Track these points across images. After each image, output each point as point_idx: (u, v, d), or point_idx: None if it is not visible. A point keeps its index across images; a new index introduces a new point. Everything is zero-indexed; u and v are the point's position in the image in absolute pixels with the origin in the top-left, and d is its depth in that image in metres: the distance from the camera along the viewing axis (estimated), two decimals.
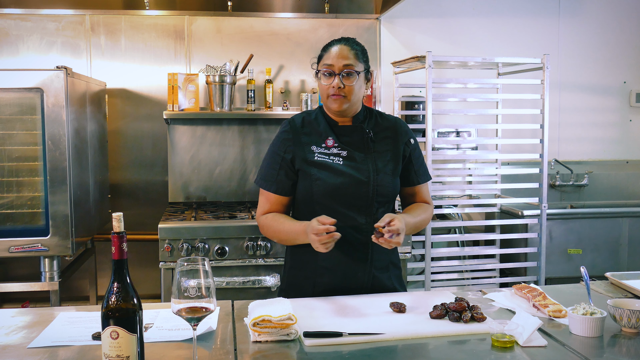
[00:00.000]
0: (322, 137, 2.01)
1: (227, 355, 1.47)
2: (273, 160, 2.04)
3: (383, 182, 1.99)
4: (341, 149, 1.99)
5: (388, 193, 2.02)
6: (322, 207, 1.96)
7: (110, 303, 1.25)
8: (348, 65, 1.94)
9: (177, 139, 3.84)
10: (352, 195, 1.96)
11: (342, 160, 1.98)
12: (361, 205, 1.98)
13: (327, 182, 1.95)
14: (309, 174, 1.97)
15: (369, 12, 3.97)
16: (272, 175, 2.03)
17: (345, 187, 1.95)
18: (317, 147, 2.00)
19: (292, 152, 2.00)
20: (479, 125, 3.76)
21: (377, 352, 1.51)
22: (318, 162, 1.97)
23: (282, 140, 2.03)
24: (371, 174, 1.98)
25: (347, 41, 2.00)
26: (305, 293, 1.98)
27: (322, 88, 2.00)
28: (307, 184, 1.98)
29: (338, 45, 1.98)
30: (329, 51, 1.99)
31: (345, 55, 1.95)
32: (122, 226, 1.27)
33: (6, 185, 3.01)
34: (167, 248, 3.08)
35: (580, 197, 4.33)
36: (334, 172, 1.96)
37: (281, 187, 2.02)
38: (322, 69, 1.98)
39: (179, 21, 3.86)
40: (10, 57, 3.72)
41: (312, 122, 2.04)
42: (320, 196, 1.96)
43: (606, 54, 4.35)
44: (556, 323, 1.68)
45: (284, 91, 3.95)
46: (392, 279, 2.06)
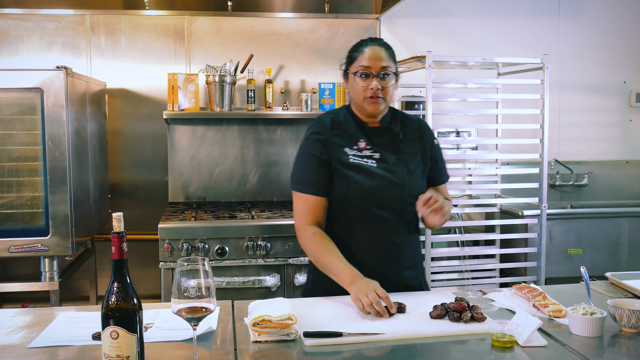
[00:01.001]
0: (353, 139, 1.99)
1: (227, 355, 1.47)
2: (309, 161, 1.99)
3: (415, 184, 2.00)
4: (373, 151, 1.99)
5: (418, 194, 1.99)
6: (357, 209, 1.97)
7: (110, 303, 1.25)
8: (385, 67, 1.93)
9: (177, 139, 3.84)
10: (386, 198, 1.97)
11: (376, 162, 1.97)
12: (394, 206, 1.98)
13: (364, 184, 1.95)
14: (345, 176, 1.96)
15: (369, 12, 3.97)
16: (309, 177, 1.98)
17: (380, 189, 1.96)
18: (350, 149, 1.98)
19: (328, 152, 1.97)
20: (479, 125, 3.76)
21: (377, 352, 1.51)
22: (354, 165, 1.96)
23: (315, 141, 1.99)
24: (405, 176, 1.98)
25: (380, 42, 1.98)
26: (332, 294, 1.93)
27: (358, 90, 1.96)
28: (343, 186, 1.96)
29: (372, 46, 1.95)
30: (363, 52, 1.96)
31: (381, 57, 1.93)
32: (122, 226, 1.27)
33: (6, 185, 3.01)
34: (167, 248, 3.08)
35: (580, 197, 4.32)
36: (369, 174, 1.96)
37: (321, 188, 1.98)
38: (359, 71, 1.94)
39: (179, 21, 3.86)
40: (10, 57, 3.72)
41: (341, 123, 2.02)
42: (356, 199, 1.96)
43: (606, 54, 4.35)
44: (556, 323, 1.68)
45: (284, 91, 3.95)
46: (420, 279, 2.08)
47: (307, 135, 2.03)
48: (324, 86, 3.75)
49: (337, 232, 2.00)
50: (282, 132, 3.95)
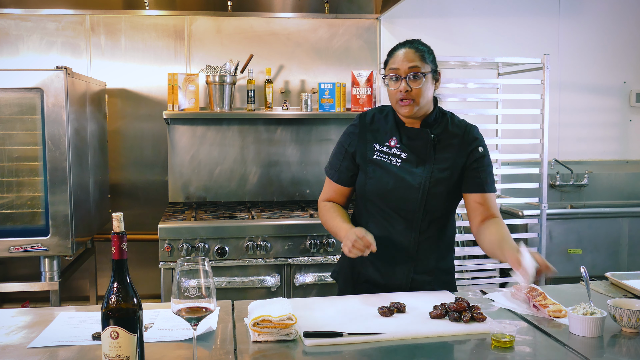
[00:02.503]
0: (387, 136, 2.02)
1: (227, 355, 1.47)
2: (339, 151, 2.10)
3: (435, 190, 1.96)
4: (402, 150, 1.99)
5: (438, 204, 1.98)
6: (372, 204, 2.02)
7: (110, 303, 1.25)
8: (414, 68, 1.92)
9: (177, 139, 3.84)
10: (401, 199, 1.97)
11: (400, 162, 1.98)
12: (409, 210, 1.97)
13: (380, 182, 1.98)
14: (365, 170, 2.02)
15: (369, 12, 3.97)
16: (336, 165, 2.10)
17: (395, 189, 1.97)
18: (380, 146, 2.02)
19: (355, 146, 2.04)
20: (479, 125, 3.74)
21: (377, 352, 1.51)
22: (375, 161, 2.00)
23: (348, 133, 2.09)
24: (424, 180, 1.96)
25: (412, 43, 1.98)
26: (349, 280, 2.12)
27: (390, 93, 1.99)
28: (362, 180, 2.03)
29: (403, 48, 1.97)
30: (394, 55, 1.99)
31: (410, 58, 1.94)
32: (122, 226, 1.27)
33: (6, 185, 3.01)
34: (167, 248, 3.08)
35: (580, 197, 4.32)
36: (387, 172, 1.98)
37: (342, 177, 2.09)
38: (389, 74, 1.97)
39: (179, 21, 3.86)
40: (10, 57, 3.72)
41: (381, 119, 2.06)
42: (372, 194, 2.00)
43: (606, 54, 4.35)
44: (556, 323, 1.68)
45: (284, 91, 3.95)
46: (434, 284, 2.04)
47: (347, 126, 2.13)
48: (324, 86, 3.75)
49: (359, 221, 2.09)
50: (282, 132, 3.95)
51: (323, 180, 2.19)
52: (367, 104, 3.75)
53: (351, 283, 2.11)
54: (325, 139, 3.98)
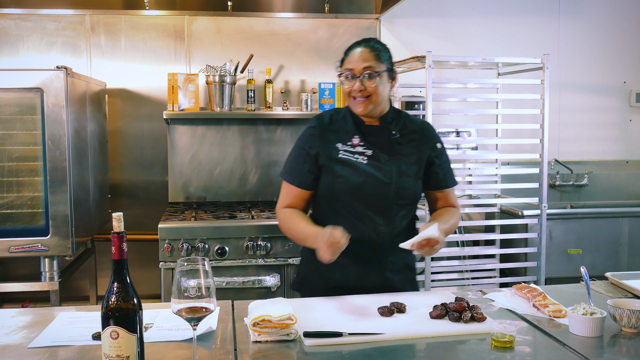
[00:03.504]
0: (348, 135, 2.01)
1: (227, 355, 1.47)
2: (298, 154, 2.05)
3: (405, 185, 1.99)
4: (366, 148, 1.99)
5: (409, 196, 2.02)
6: (343, 204, 1.98)
7: (110, 303, 1.25)
8: (368, 67, 1.93)
9: (177, 139, 3.84)
10: (372, 196, 1.97)
11: (367, 159, 1.98)
12: (381, 206, 1.98)
13: (349, 180, 1.96)
14: (331, 170, 1.98)
15: (369, 12, 3.97)
16: (295, 169, 2.05)
17: (366, 186, 1.96)
18: (343, 145, 2.00)
19: (317, 147, 2.01)
20: (479, 125, 3.75)
21: (377, 352, 1.51)
22: (342, 160, 1.98)
23: (308, 135, 2.05)
24: (394, 175, 1.98)
25: (367, 42, 1.99)
26: (317, 288, 2.01)
27: (345, 92, 2.00)
28: (330, 180, 1.99)
29: (358, 47, 1.97)
30: (350, 54, 1.99)
31: (365, 58, 1.94)
32: (122, 226, 1.27)
33: (6, 185, 3.01)
34: (167, 248, 3.08)
35: (580, 197, 4.32)
36: (356, 170, 1.97)
37: (304, 181, 2.03)
38: (344, 72, 1.98)
39: (179, 21, 3.86)
40: (10, 57, 3.72)
41: (340, 120, 2.05)
42: (342, 194, 1.97)
43: (606, 54, 4.35)
44: (556, 323, 1.68)
45: (284, 91, 3.95)
46: (405, 282, 2.07)
47: (304, 130, 2.09)
48: (324, 86, 3.75)
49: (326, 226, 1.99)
50: (282, 132, 3.95)
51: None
52: None
53: (320, 291, 1.99)
54: None
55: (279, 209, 2.07)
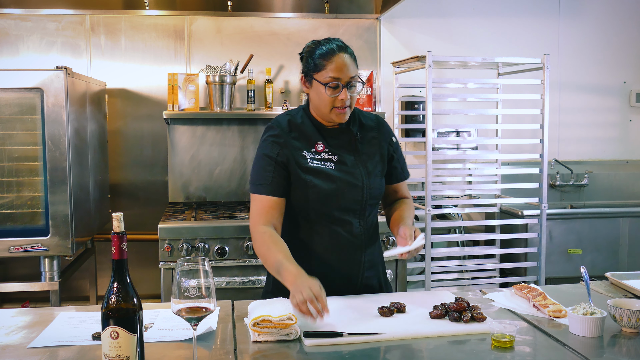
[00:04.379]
0: (311, 142, 1.96)
1: (227, 355, 1.47)
2: (265, 162, 1.94)
3: (374, 185, 1.99)
4: (331, 153, 1.96)
5: (378, 195, 2.03)
6: (317, 212, 1.94)
7: (110, 303, 1.25)
8: (354, 77, 1.90)
9: (177, 139, 3.84)
10: (346, 200, 1.95)
11: (334, 165, 1.95)
12: (355, 209, 1.97)
13: (322, 188, 1.92)
14: (303, 180, 1.92)
15: (369, 12, 3.97)
16: (265, 177, 1.92)
17: (339, 192, 1.93)
18: (308, 153, 1.95)
19: (285, 155, 1.93)
20: (479, 125, 3.76)
21: (377, 352, 1.51)
22: (312, 169, 1.93)
23: (272, 142, 1.95)
24: (364, 177, 1.97)
25: (346, 49, 1.92)
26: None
27: (325, 100, 1.90)
28: (302, 190, 1.93)
29: (342, 54, 1.90)
30: (333, 62, 1.88)
31: (349, 66, 1.89)
32: (122, 226, 1.27)
33: (6, 185, 3.01)
34: (167, 248, 3.08)
35: (580, 197, 4.32)
36: (328, 178, 1.93)
37: (276, 188, 1.92)
38: (328, 82, 1.88)
39: (179, 21, 3.86)
40: (10, 57, 3.72)
41: (298, 125, 1.98)
42: (316, 202, 1.93)
43: (606, 54, 4.35)
44: (556, 323, 1.68)
45: (284, 91, 3.95)
46: (380, 277, 2.07)
47: (264, 137, 1.99)
48: None
49: (300, 235, 1.97)
50: None
51: None
52: (367, 104, 3.75)
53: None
54: None
55: (254, 227, 1.92)
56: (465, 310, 1.67)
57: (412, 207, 2.11)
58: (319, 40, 1.97)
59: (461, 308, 1.68)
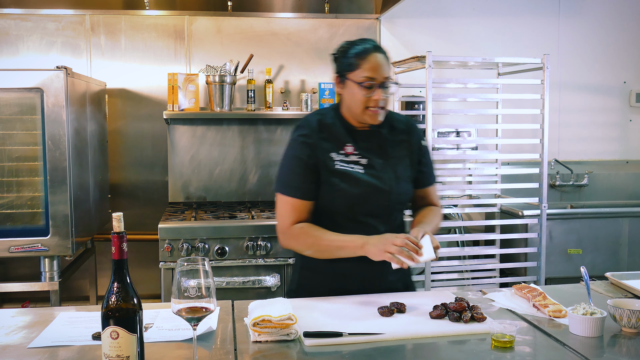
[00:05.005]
0: (340, 143, 1.93)
1: (227, 355, 1.47)
2: (295, 164, 1.92)
3: (402, 190, 1.97)
4: (361, 156, 1.93)
5: (405, 200, 2.01)
6: (342, 216, 1.92)
7: (110, 303, 1.25)
8: (388, 77, 1.88)
9: (177, 139, 3.84)
10: (372, 205, 1.92)
11: (363, 168, 1.92)
12: (381, 213, 1.95)
13: (349, 192, 1.89)
14: (330, 183, 1.90)
15: (369, 12, 3.97)
16: (296, 180, 1.91)
17: (366, 196, 1.91)
18: (337, 155, 1.92)
19: (315, 157, 1.90)
20: (479, 125, 3.76)
21: (377, 352, 1.51)
22: (339, 172, 1.90)
23: (302, 143, 1.93)
24: (392, 182, 1.94)
25: (380, 49, 1.90)
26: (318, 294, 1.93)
27: (360, 100, 1.88)
28: (328, 193, 1.91)
29: (377, 54, 1.88)
30: (369, 61, 1.87)
31: (385, 68, 1.87)
32: (122, 226, 1.27)
33: (6, 185, 3.01)
34: (167, 248, 3.08)
35: (580, 197, 4.32)
36: (355, 182, 1.90)
37: (307, 192, 1.91)
38: (364, 82, 1.86)
39: (179, 21, 3.86)
40: (10, 57, 3.72)
41: (329, 126, 1.95)
42: (341, 206, 1.91)
43: (606, 54, 4.35)
44: (556, 323, 1.68)
45: (284, 91, 3.95)
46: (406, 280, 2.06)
47: (293, 136, 1.97)
48: (324, 86, 3.75)
49: None
50: (282, 132, 3.95)
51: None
52: None
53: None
54: None
55: (286, 227, 1.91)
56: (465, 310, 1.67)
57: (437, 214, 2.06)
58: (353, 40, 1.95)
59: (461, 308, 1.68)
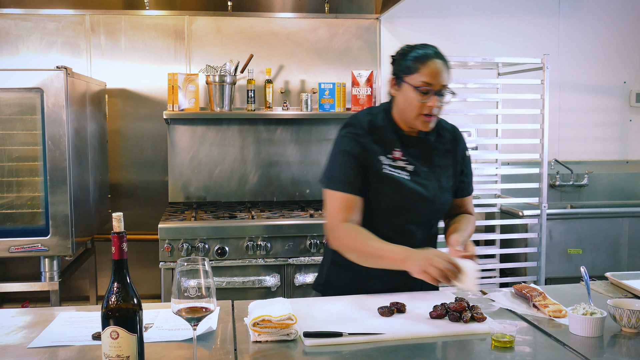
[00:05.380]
0: (389, 147, 1.90)
1: (227, 355, 1.47)
2: (347, 159, 1.87)
3: (444, 200, 1.96)
4: (408, 162, 1.90)
5: (445, 210, 2.00)
6: (383, 221, 1.89)
7: (110, 303, 1.25)
8: (446, 86, 1.85)
9: (177, 139, 3.84)
10: (415, 212, 1.91)
11: (409, 175, 1.89)
12: (421, 221, 1.95)
13: (394, 198, 1.87)
14: (376, 186, 1.87)
15: (369, 12, 3.97)
16: (348, 175, 1.85)
17: (410, 203, 1.89)
18: (385, 158, 1.88)
19: (366, 157, 1.87)
20: (479, 125, 3.76)
21: (377, 352, 1.51)
22: (386, 176, 1.87)
23: (353, 140, 1.88)
24: (436, 191, 1.92)
25: (441, 56, 1.87)
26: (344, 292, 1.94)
27: (414, 105, 1.84)
28: (373, 196, 1.87)
29: (437, 60, 1.85)
30: (429, 66, 1.83)
31: (444, 75, 1.84)
32: (122, 226, 1.27)
33: (6, 185, 3.01)
34: (167, 248, 3.08)
35: (580, 197, 4.32)
36: (401, 188, 1.87)
37: (359, 188, 1.85)
38: (420, 86, 1.82)
39: (179, 21, 3.86)
40: (10, 57, 3.72)
41: (380, 128, 1.91)
42: (383, 211, 1.89)
43: (606, 54, 4.35)
44: (556, 323, 1.68)
45: (284, 91, 3.95)
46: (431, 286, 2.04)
47: (343, 133, 1.92)
48: (324, 86, 3.75)
49: None
50: (282, 132, 3.95)
51: None
52: (367, 104, 3.75)
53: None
54: (325, 139, 3.98)
55: (336, 224, 1.85)
56: (465, 310, 1.67)
57: (472, 222, 2.05)
58: (413, 44, 1.93)
59: (461, 308, 1.68)
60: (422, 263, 1.66)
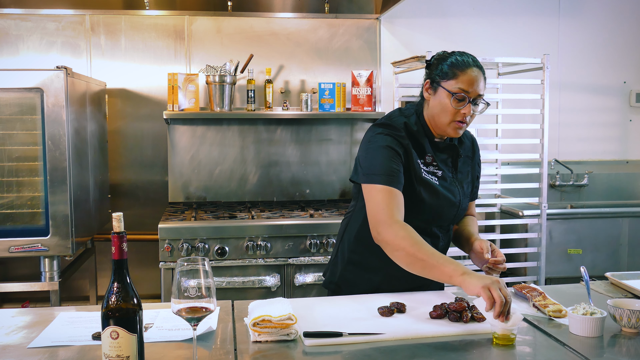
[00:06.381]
0: (422, 151, 1.90)
1: (227, 355, 1.47)
2: (391, 155, 1.82)
3: (465, 205, 2.01)
4: (437, 167, 1.92)
5: (463, 215, 2.05)
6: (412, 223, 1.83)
7: (110, 303, 1.25)
8: (481, 95, 1.84)
9: (177, 139, 3.85)
10: (441, 215, 1.94)
11: (438, 180, 1.91)
12: (446, 225, 1.98)
13: (429, 203, 1.88)
14: (413, 189, 1.86)
15: (369, 12, 3.97)
16: (393, 170, 1.80)
17: (442, 208, 1.92)
18: (421, 162, 1.89)
19: (407, 158, 1.86)
20: (479, 125, 3.75)
21: (377, 352, 1.51)
22: (424, 180, 1.87)
23: (393, 138, 1.85)
24: (461, 197, 1.96)
25: (480, 66, 1.86)
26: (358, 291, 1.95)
27: (448, 110, 1.83)
28: (409, 199, 1.84)
29: (474, 68, 1.84)
30: (467, 74, 1.82)
31: (482, 85, 1.83)
32: (122, 226, 1.27)
33: (6, 185, 3.01)
34: (167, 248, 3.08)
35: (580, 197, 4.32)
36: (435, 193, 1.89)
37: (402, 184, 1.82)
38: (457, 93, 1.81)
39: (179, 21, 3.86)
40: (10, 57, 3.72)
41: (414, 132, 1.90)
42: (416, 214, 1.87)
43: (606, 54, 4.35)
44: (556, 323, 1.68)
45: (284, 91, 3.95)
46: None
47: (379, 130, 1.88)
48: (324, 86, 3.75)
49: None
50: (282, 132, 3.95)
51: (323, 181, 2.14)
52: (367, 104, 3.75)
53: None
54: (325, 139, 3.98)
55: (389, 221, 1.76)
56: (465, 310, 1.67)
57: (475, 222, 2.12)
58: (452, 51, 1.93)
59: (461, 308, 1.68)
60: (485, 280, 1.58)
